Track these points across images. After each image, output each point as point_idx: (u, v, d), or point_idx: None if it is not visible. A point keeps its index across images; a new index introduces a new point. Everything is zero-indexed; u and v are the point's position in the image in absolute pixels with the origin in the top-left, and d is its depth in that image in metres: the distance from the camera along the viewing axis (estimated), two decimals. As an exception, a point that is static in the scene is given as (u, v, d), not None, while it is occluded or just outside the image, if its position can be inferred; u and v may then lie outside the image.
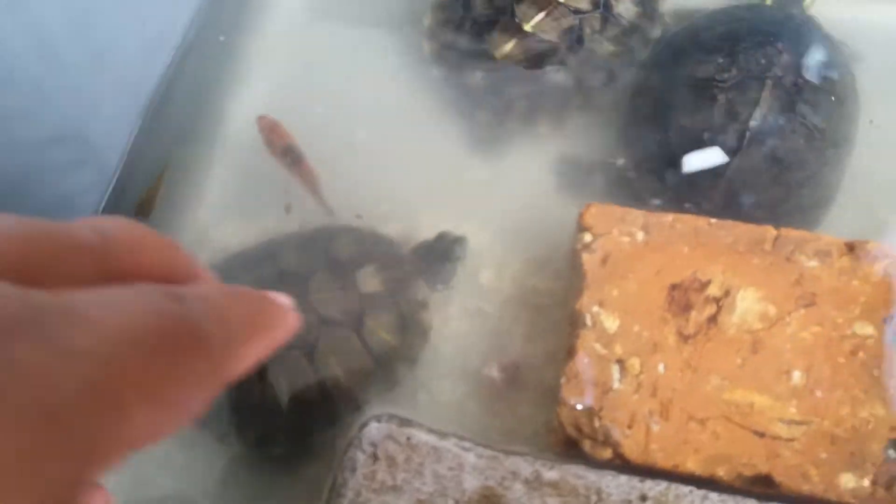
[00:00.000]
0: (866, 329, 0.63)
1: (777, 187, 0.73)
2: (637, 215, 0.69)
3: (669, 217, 0.69)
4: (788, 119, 0.72)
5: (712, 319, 0.64)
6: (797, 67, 0.74)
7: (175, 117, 0.78)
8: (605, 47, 0.79)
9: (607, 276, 0.66)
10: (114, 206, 0.70)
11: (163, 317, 0.20)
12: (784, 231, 0.68)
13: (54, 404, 0.17)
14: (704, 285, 0.65)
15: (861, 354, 0.62)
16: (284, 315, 0.25)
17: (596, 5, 0.80)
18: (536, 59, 0.80)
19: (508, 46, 0.79)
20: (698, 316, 0.64)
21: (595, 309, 0.65)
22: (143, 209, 0.71)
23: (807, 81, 0.73)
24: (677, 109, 0.75)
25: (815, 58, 0.76)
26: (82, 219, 0.22)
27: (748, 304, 0.64)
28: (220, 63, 0.84)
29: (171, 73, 0.78)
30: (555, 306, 0.72)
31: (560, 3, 0.79)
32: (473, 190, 0.79)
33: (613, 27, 0.80)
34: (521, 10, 0.79)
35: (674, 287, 0.65)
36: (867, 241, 0.67)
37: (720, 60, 0.74)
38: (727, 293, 0.65)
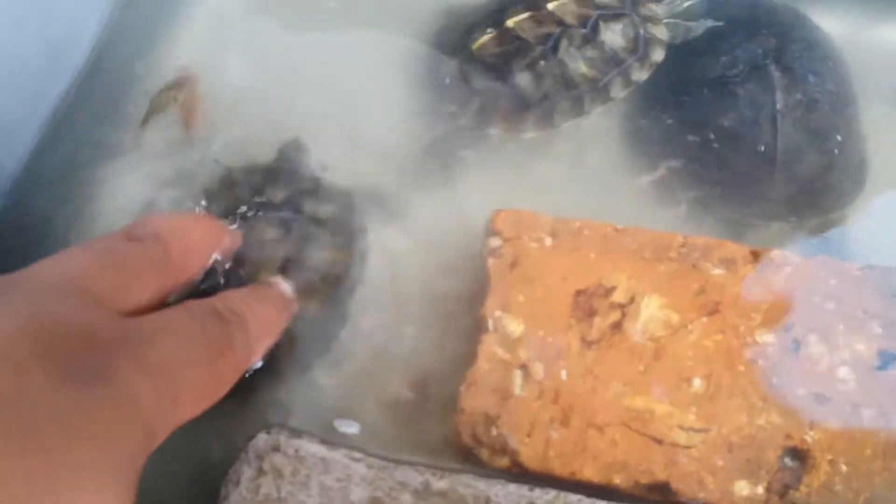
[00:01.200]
0: (767, 337, 0.63)
1: (822, 156, 0.75)
2: (546, 220, 0.68)
3: (577, 223, 0.68)
4: (804, 92, 0.75)
5: (616, 326, 0.63)
6: (789, 44, 0.78)
7: (84, 125, 0.75)
8: (578, 65, 0.77)
9: (514, 281, 0.65)
10: (12, 214, 0.67)
11: (207, 336, 0.33)
12: (690, 238, 0.68)
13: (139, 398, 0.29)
14: (609, 291, 0.65)
15: (761, 362, 0.62)
16: (290, 306, 0.44)
17: (583, 24, 0.78)
18: (506, 56, 0.79)
19: (485, 38, 0.79)
20: (602, 322, 0.63)
21: (498, 314, 0.64)
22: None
23: (803, 54, 0.77)
24: (711, 113, 0.76)
25: (799, 33, 0.80)
26: (142, 219, 0.35)
27: (652, 311, 0.64)
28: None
29: (80, 80, 0.75)
30: (465, 313, 0.70)
31: (548, 11, 0.78)
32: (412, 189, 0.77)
33: (593, 49, 0.78)
34: (512, 10, 0.79)
35: (579, 293, 0.65)
36: (770, 249, 0.68)
37: (723, 58, 0.76)
38: (632, 300, 0.64)
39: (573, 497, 0.52)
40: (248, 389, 0.53)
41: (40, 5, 0.69)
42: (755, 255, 0.67)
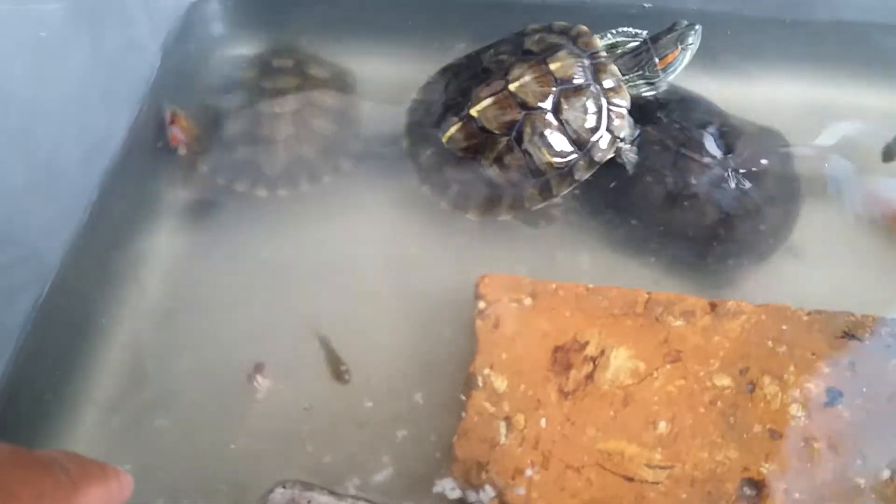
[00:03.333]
0: (724, 381, 0.71)
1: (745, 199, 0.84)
2: (526, 283, 0.77)
3: (553, 284, 0.77)
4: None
5: (589, 377, 0.72)
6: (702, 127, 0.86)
7: (115, 218, 0.86)
8: (542, 155, 0.80)
9: (498, 340, 0.74)
10: (54, 299, 0.78)
11: None
12: (654, 295, 0.76)
13: None
14: (583, 346, 0.73)
15: (719, 404, 0.70)
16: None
17: (544, 101, 0.80)
18: (475, 148, 0.83)
19: (452, 130, 0.83)
20: (577, 374, 0.72)
21: (486, 371, 0.72)
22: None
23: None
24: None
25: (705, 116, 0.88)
26: (53, 454, 0.37)
27: (621, 362, 0.72)
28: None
29: (111, 177, 0.86)
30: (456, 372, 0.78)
31: (511, 93, 0.81)
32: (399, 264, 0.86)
33: (557, 134, 0.81)
34: (475, 93, 0.82)
35: (557, 349, 0.73)
36: (727, 300, 0.76)
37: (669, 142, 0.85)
38: (602, 352, 0.73)
39: (551, 532, 0.60)
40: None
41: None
42: (713, 306, 0.76)
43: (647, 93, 0.88)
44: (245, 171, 0.88)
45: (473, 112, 0.82)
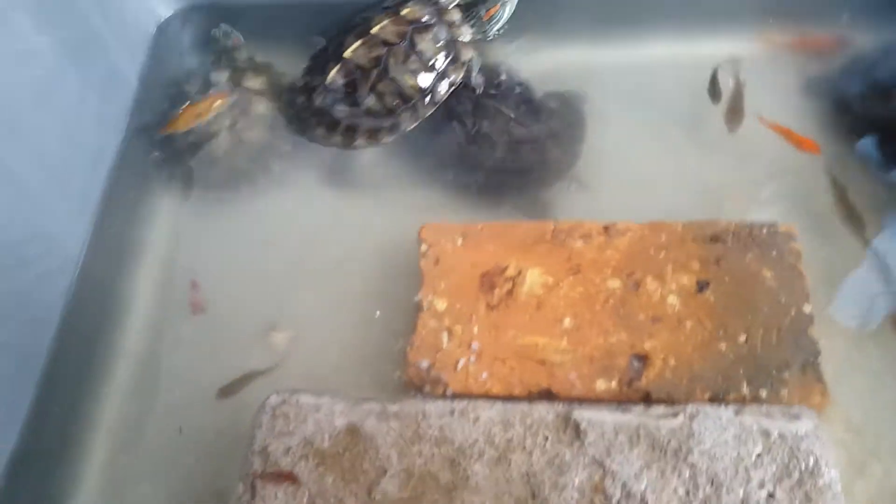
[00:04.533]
0: (615, 283, 0.90)
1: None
2: (457, 227, 0.97)
3: (479, 226, 0.97)
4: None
5: (510, 292, 0.91)
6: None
7: (122, 211, 1.07)
8: (406, 79, 1.03)
9: (438, 273, 0.94)
10: (81, 285, 0.99)
11: None
12: (558, 224, 0.96)
13: None
14: (504, 270, 0.93)
15: (611, 301, 0.89)
16: None
17: (402, 39, 1.03)
18: (353, 84, 1.05)
19: (332, 72, 1.06)
20: (500, 291, 0.91)
21: (430, 297, 0.92)
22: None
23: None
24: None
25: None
26: None
27: (534, 279, 0.92)
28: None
29: (115, 176, 1.08)
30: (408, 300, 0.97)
31: (373, 35, 1.04)
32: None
33: (416, 62, 1.03)
34: (346, 41, 1.06)
35: (483, 274, 0.93)
36: (617, 221, 0.95)
37: None
38: (519, 273, 0.92)
39: (481, 401, 0.80)
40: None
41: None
42: (606, 229, 0.95)
43: (477, 37, 1.12)
44: (194, 181, 1.09)
45: (347, 54, 1.05)
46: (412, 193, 1.08)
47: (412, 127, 1.07)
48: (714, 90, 1.09)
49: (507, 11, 1.12)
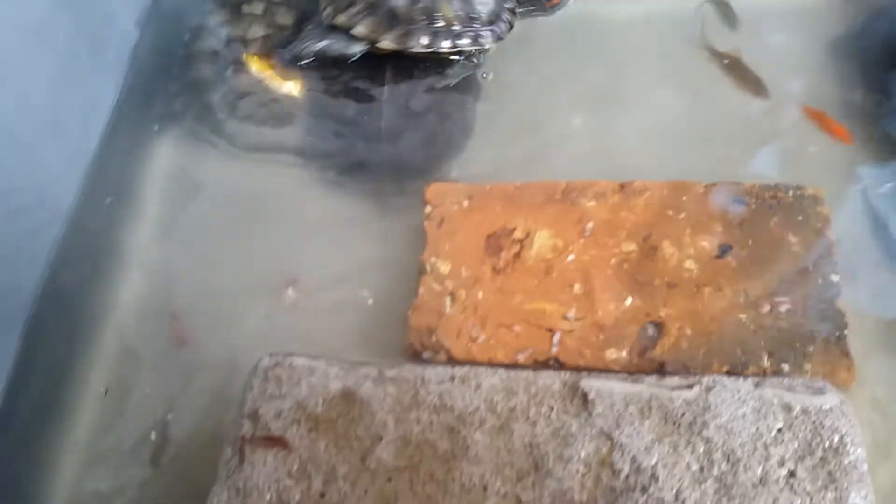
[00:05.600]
0: (630, 247, 0.85)
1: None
2: (463, 187, 0.92)
3: (487, 186, 0.92)
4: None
5: (517, 255, 0.86)
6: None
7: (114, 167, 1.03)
8: (444, 7, 0.98)
9: (442, 235, 0.89)
10: (71, 238, 0.95)
11: None
12: (570, 183, 0.90)
13: None
14: (511, 231, 0.88)
15: (625, 266, 0.84)
16: None
17: None
18: None
19: None
20: (507, 254, 0.87)
21: (433, 260, 0.88)
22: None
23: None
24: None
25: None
26: None
27: (543, 241, 0.87)
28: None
29: (111, 127, 1.04)
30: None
31: None
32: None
33: (462, 3, 1.00)
34: None
35: (490, 236, 0.88)
36: (634, 180, 0.89)
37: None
38: (528, 235, 0.87)
39: (482, 368, 0.76)
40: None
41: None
42: (621, 187, 0.89)
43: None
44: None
45: None
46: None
47: (416, 50, 1.01)
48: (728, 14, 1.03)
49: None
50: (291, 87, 1.08)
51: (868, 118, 0.97)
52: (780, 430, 0.67)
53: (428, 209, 0.91)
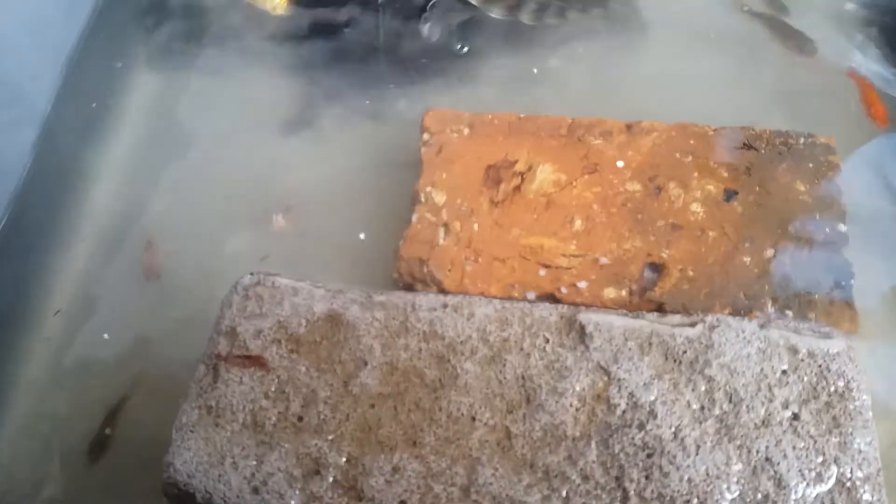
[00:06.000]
0: (635, 186, 0.82)
1: None
2: (465, 116, 0.88)
3: (489, 115, 0.87)
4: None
5: (517, 188, 0.82)
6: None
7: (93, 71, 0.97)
8: None
9: (439, 164, 0.85)
10: (44, 145, 0.89)
11: None
12: (577, 119, 0.86)
13: None
14: (513, 164, 0.84)
15: (629, 205, 0.80)
16: None
17: None
18: None
19: None
20: (506, 186, 0.82)
21: (428, 189, 0.83)
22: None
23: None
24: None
25: None
26: None
27: (545, 175, 0.83)
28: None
29: (90, 32, 0.97)
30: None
31: None
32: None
33: None
34: None
35: (489, 167, 0.84)
36: (642, 120, 0.86)
37: None
38: (530, 168, 0.83)
39: (475, 297, 0.72)
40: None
41: None
42: (628, 127, 0.85)
43: None
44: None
45: None
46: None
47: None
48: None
49: None
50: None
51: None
52: (784, 372, 0.64)
53: (426, 136, 0.87)
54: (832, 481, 0.59)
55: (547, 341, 0.68)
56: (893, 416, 0.73)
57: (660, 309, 0.74)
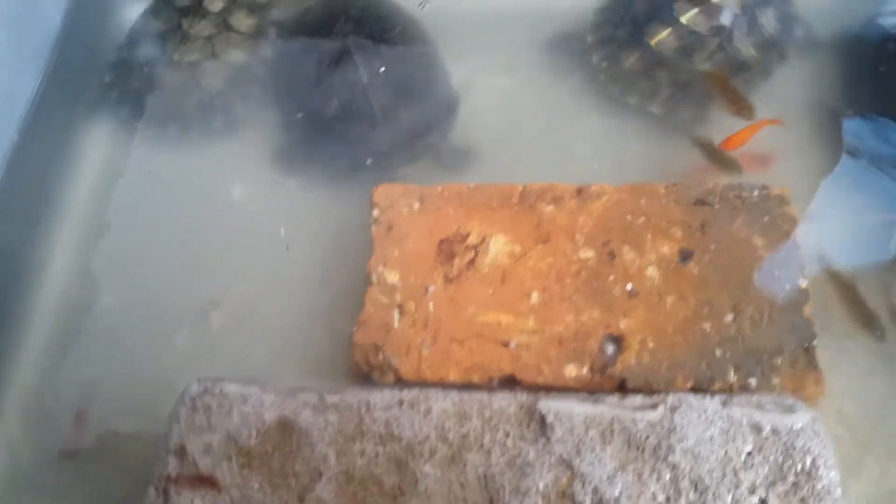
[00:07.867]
0: (588, 253, 0.80)
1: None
2: (414, 189, 0.86)
3: (439, 187, 0.85)
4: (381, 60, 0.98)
5: (471, 262, 0.80)
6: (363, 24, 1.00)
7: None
8: (749, 50, 0.93)
9: (390, 241, 0.82)
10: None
11: None
12: (528, 185, 0.84)
13: None
14: (465, 237, 0.82)
15: (584, 273, 0.79)
16: None
17: (745, 11, 0.94)
18: (686, 49, 0.94)
19: (662, 34, 0.95)
20: (460, 261, 0.80)
21: (380, 269, 0.81)
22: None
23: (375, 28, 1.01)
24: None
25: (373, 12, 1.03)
26: None
27: (499, 247, 0.81)
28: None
29: (31, 117, 0.94)
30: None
31: (713, 3, 0.94)
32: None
33: (756, 34, 0.93)
34: (678, 5, 0.95)
35: (442, 241, 0.82)
36: (592, 184, 0.84)
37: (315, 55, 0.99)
38: (483, 240, 0.81)
39: (433, 391, 0.70)
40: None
41: None
42: (578, 191, 0.84)
43: None
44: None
45: (683, 19, 0.95)
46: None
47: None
48: None
49: None
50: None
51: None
52: (749, 454, 0.62)
53: (375, 213, 0.85)
54: (804, 571, 0.57)
55: (507, 435, 0.66)
56: (863, 476, 0.72)
57: (622, 386, 0.72)
